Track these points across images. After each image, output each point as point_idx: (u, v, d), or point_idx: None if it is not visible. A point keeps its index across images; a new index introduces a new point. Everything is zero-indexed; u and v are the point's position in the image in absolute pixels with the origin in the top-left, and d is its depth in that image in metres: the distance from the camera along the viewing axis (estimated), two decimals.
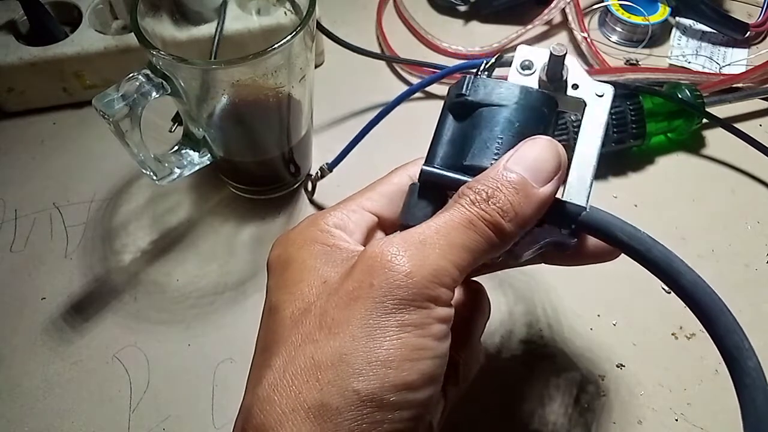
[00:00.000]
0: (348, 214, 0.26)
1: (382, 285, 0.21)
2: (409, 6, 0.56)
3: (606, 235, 0.24)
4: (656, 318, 0.38)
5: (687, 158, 0.46)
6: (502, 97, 0.25)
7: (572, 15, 0.52)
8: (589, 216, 0.24)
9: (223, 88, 0.38)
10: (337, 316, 0.21)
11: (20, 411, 0.35)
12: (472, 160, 0.24)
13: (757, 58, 0.51)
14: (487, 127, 0.25)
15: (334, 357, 0.20)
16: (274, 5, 0.43)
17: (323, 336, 0.21)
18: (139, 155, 0.35)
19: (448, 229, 0.22)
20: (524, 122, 0.25)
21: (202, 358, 0.37)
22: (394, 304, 0.21)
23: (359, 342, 0.20)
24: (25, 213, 0.44)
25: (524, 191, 0.23)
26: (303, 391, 0.20)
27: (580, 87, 0.26)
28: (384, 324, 0.20)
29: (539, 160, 0.23)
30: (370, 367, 0.20)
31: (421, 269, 0.21)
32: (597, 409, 0.35)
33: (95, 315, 0.39)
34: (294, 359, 0.21)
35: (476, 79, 0.26)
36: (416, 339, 0.21)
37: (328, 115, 0.48)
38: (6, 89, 0.47)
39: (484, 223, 0.22)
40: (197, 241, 0.42)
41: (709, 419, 0.34)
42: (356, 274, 0.22)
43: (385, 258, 0.21)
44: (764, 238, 0.42)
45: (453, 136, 0.25)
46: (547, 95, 0.26)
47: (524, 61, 0.26)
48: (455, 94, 0.26)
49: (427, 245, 0.21)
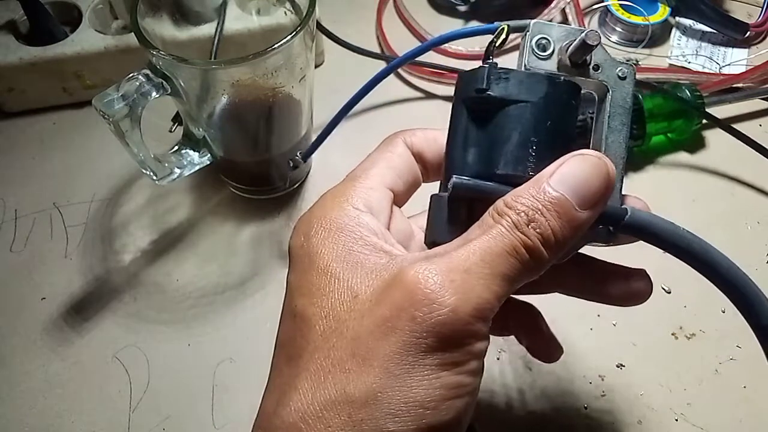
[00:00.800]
0: (371, 193, 0.24)
1: (425, 320, 0.19)
2: (409, 6, 0.56)
3: (650, 237, 0.23)
4: (656, 318, 0.38)
5: (687, 158, 0.46)
6: (527, 90, 0.22)
7: (572, 15, 0.52)
8: (632, 219, 0.22)
9: (223, 88, 0.38)
10: (373, 345, 0.20)
11: (20, 411, 0.35)
12: (506, 169, 0.22)
13: (757, 58, 0.51)
14: (516, 128, 0.22)
15: (368, 394, 0.19)
16: (274, 5, 0.43)
17: (356, 366, 0.20)
18: (139, 155, 0.35)
19: (492, 256, 0.20)
20: (556, 119, 0.22)
21: (201, 358, 0.37)
22: (435, 342, 0.19)
23: (395, 380, 0.19)
24: (25, 213, 0.44)
25: (567, 215, 0.21)
26: (333, 426, 0.19)
27: (601, 68, 0.24)
28: (423, 362, 0.19)
29: (586, 182, 0.21)
30: (406, 407, 0.19)
31: (465, 304, 0.19)
32: (597, 409, 0.35)
33: (95, 315, 0.39)
34: (324, 386, 0.20)
35: (495, 70, 0.23)
36: (454, 377, 0.20)
37: (328, 115, 0.48)
38: (6, 89, 0.47)
39: (525, 250, 0.20)
40: (197, 241, 0.42)
41: (709, 419, 0.34)
42: (394, 299, 0.20)
43: (429, 287, 0.20)
44: (764, 239, 0.42)
45: (478, 139, 0.23)
46: (575, 85, 0.23)
47: (540, 39, 0.24)
48: (474, 89, 0.23)
49: (472, 275, 0.20)
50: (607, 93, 0.24)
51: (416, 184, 0.27)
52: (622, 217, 0.22)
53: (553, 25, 0.24)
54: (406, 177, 0.26)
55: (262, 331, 0.38)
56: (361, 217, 0.23)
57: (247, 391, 0.35)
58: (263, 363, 0.23)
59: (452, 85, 0.49)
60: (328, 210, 0.23)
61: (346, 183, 0.25)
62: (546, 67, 0.23)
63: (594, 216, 0.21)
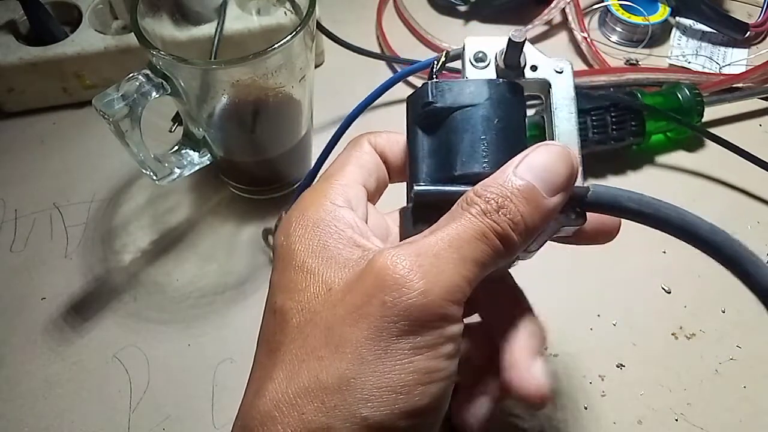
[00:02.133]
0: (347, 189, 0.25)
1: (396, 303, 0.20)
2: (409, 6, 0.56)
3: (615, 209, 0.23)
4: (656, 318, 0.38)
5: (686, 157, 0.46)
6: (471, 96, 0.24)
7: (572, 15, 0.52)
8: (595, 194, 0.23)
9: (223, 88, 0.38)
10: (344, 333, 0.20)
11: (20, 411, 0.35)
12: (464, 168, 0.23)
13: (757, 58, 0.51)
14: (467, 130, 0.23)
15: (341, 380, 0.19)
16: (274, 5, 0.43)
17: (329, 353, 0.20)
18: (139, 155, 0.35)
19: (460, 242, 0.21)
20: (502, 117, 0.24)
21: (201, 358, 0.37)
22: (407, 325, 0.19)
23: (368, 365, 0.19)
24: (25, 213, 0.44)
25: (534, 201, 0.21)
26: (307, 412, 0.19)
27: (539, 68, 0.25)
28: (395, 347, 0.19)
29: (551, 169, 0.22)
30: (379, 393, 0.19)
31: (435, 287, 0.20)
32: (597, 409, 0.35)
33: (95, 315, 0.39)
34: (298, 375, 0.20)
35: (438, 84, 0.24)
36: (428, 361, 0.20)
37: (328, 115, 0.48)
38: (6, 89, 0.47)
39: (494, 235, 0.21)
40: (197, 241, 0.42)
41: (709, 419, 0.34)
42: (364, 286, 0.20)
43: (398, 272, 0.20)
44: (764, 238, 0.42)
45: (432, 148, 0.24)
46: (514, 83, 0.25)
47: (477, 53, 0.25)
48: (421, 104, 0.24)
49: (441, 259, 0.20)
50: (549, 88, 0.25)
51: (384, 183, 0.28)
52: (584, 194, 0.23)
53: (486, 38, 0.25)
54: (375, 175, 0.26)
55: None
56: (338, 212, 0.23)
57: None
58: None
59: None
60: (306, 207, 0.24)
61: (323, 182, 0.25)
62: (485, 76, 0.25)
63: (561, 202, 0.22)
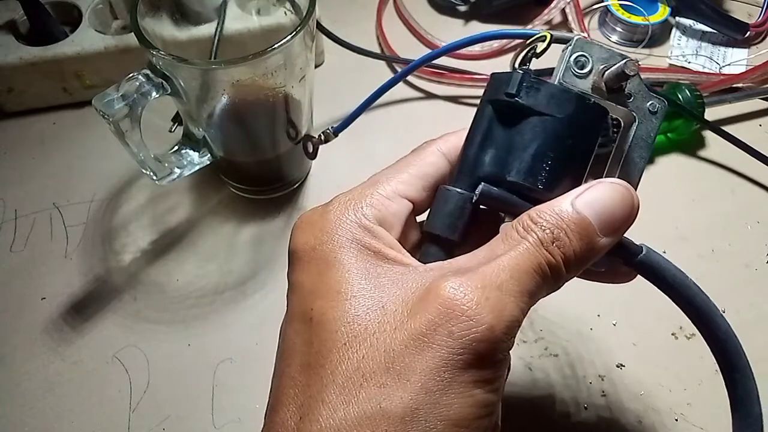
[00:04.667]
0: (386, 204, 0.23)
1: (462, 336, 0.19)
2: (409, 6, 0.56)
3: (657, 279, 0.23)
4: (656, 318, 0.38)
5: (687, 158, 0.46)
6: (556, 105, 0.22)
7: (572, 15, 0.52)
8: (646, 258, 0.23)
9: (223, 88, 0.38)
10: (409, 361, 0.19)
11: (20, 411, 0.35)
12: (517, 177, 0.22)
13: (757, 58, 0.51)
14: (536, 140, 0.22)
15: (405, 410, 0.19)
16: (274, 5, 0.43)
17: (391, 381, 0.19)
18: (139, 155, 0.35)
19: (520, 273, 0.20)
20: (577, 140, 0.22)
21: (202, 358, 0.37)
22: (473, 359, 0.19)
23: (432, 396, 0.19)
24: (25, 213, 0.44)
25: (588, 239, 0.21)
26: None
27: (634, 97, 0.24)
28: (459, 379, 0.19)
29: (611, 209, 0.21)
30: (442, 426, 0.19)
31: (500, 322, 0.20)
32: (597, 409, 0.35)
33: (95, 315, 0.39)
34: (357, 401, 0.19)
35: (529, 78, 0.23)
36: (487, 395, 0.20)
37: (328, 115, 0.48)
38: (6, 89, 0.47)
39: (548, 267, 0.21)
40: (197, 241, 0.42)
41: (709, 419, 0.34)
42: (429, 314, 0.20)
43: (465, 304, 0.20)
44: (764, 238, 0.42)
45: (497, 142, 0.23)
46: (603, 109, 0.23)
47: (580, 57, 0.23)
48: (504, 92, 0.23)
49: (504, 292, 0.20)
50: (634, 123, 0.24)
51: None
52: (636, 254, 0.23)
53: (596, 44, 0.24)
54: (434, 186, 0.25)
55: (262, 331, 0.38)
56: (375, 230, 0.23)
57: (247, 391, 0.36)
58: (263, 363, 0.23)
59: (452, 85, 0.50)
60: (338, 218, 0.23)
61: (364, 189, 0.24)
62: (580, 86, 0.23)
63: (612, 243, 0.22)
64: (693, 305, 0.23)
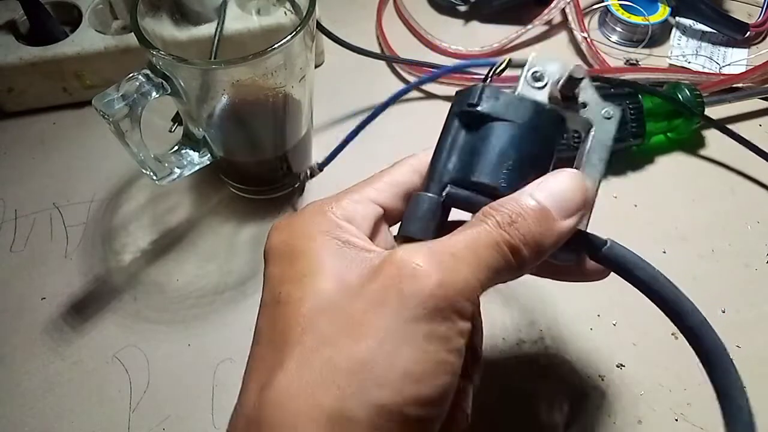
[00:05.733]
0: (354, 205, 0.25)
1: (414, 292, 0.20)
2: (409, 6, 0.56)
3: (623, 272, 0.24)
4: (656, 318, 0.38)
5: (687, 158, 0.46)
6: (514, 112, 0.24)
7: (572, 15, 0.52)
8: (610, 251, 0.24)
9: (223, 88, 0.38)
10: (363, 319, 0.20)
11: (20, 411, 0.35)
12: (480, 177, 0.24)
13: (757, 58, 0.51)
14: (497, 143, 0.24)
15: (357, 363, 0.19)
16: (274, 5, 0.43)
17: (345, 339, 0.20)
18: (139, 155, 0.35)
19: (477, 246, 0.21)
20: (535, 142, 0.24)
21: (202, 358, 0.37)
22: (424, 313, 0.20)
23: (384, 350, 0.20)
24: (25, 213, 0.44)
25: (546, 223, 0.22)
26: (321, 397, 0.19)
27: (589, 106, 0.26)
28: (410, 333, 0.20)
29: (565, 194, 0.23)
30: (393, 377, 0.19)
31: (451, 280, 0.20)
32: (597, 409, 0.35)
33: (95, 315, 0.39)
34: (311, 362, 0.20)
35: (488, 89, 0.25)
36: (440, 353, 0.20)
37: (328, 115, 0.48)
38: (6, 89, 0.47)
39: (507, 247, 0.22)
40: (197, 241, 0.42)
41: (709, 419, 0.34)
42: (382, 278, 0.21)
43: (415, 264, 0.20)
44: (764, 238, 0.42)
45: (461, 147, 0.25)
46: (559, 115, 0.25)
47: (536, 72, 0.25)
48: (467, 103, 0.25)
49: (458, 258, 0.21)
50: (591, 129, 0.26)
51: None
52: (600, 247, 0.24)
53: (551, 60, 0.26)
54: (406, 194, 0.26)
55: None
56: (342, 224, 0.24)
57: None
58: None
59: (452, 85, 0.50)
60: (309, 217, 0.24)
61: (336, 195, 0.25)
62: (538, 98, 0.25)
63: (571, 227, 0.23)
64: (660, 296, 0.23)
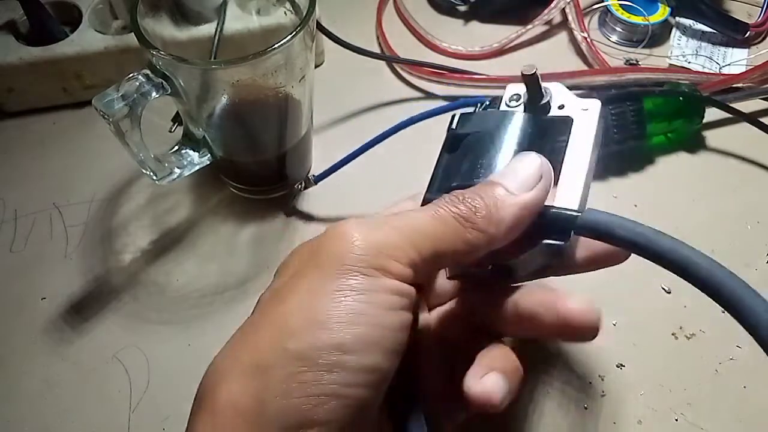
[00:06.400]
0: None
1: (332, 252, 0.22)
2: (409, 6, 0.56)
3: (605, 235, 0.23)
4: (656, 318, 0.38)
5: (687, 158, 0.46)
6: (485, 124, 0.27)
7: (572, 15, 0.52)
8: (585, 219, 0.23)
9: (223, 88, 0.38)
10: (289, 285, 0.22)
11: (20, 411, 0.35)
12: (459, 181, 0.26)
13: (757, 58, 0.51)
14: (471, 151, 0.27)
15: (276, 319, 0.21)
16: (274, 5, 0.43)
17: (275, 304, 0.22)
18: (139, 155, 0.35)
19: (411, 215, 0.23)
20: (508, 142, 0.27)
21: (202, 358, 0.36)
22: (337, 270, 0.21)
23: (301, 304, 0.21)
24: (24, 213, 0.44)
25: (501, 196, 0.24)
26: (241, 351, 0.21)
27: (566, 106, 0.28)
28: (327, 288, 0.21)
29: (519, 171, 0.24)
30: (305, 325, 0.20)
31: (370, 238, 0.22)
32: (597, 409, 0.35)
33: (95, 315, 0.39)
34: (244, 328, 0.22)
35: (464, 114, 0.28)
36: (355, 303, 0.21)
37: (329, 115, 0.48)
38: (6, 89, 0.47)
39: (452, 217, 0.23)
40: (197, 241, 0.42)
41: (710, 419, 0.34)
42: (317, 246, 0.23)
43: (340, 230, 0.22)
44: (765, 238, 0.42)
45: (446, 166, 0.28)
46: (525, 115, 0.27)
47: (513, 96, 0.29)
48: (448, 128, 0.29)
49: (388, 224, 0.23)
50: (571, 123, 0.27)
51: None
52: (574, 218, 0.24)
53: (525, 84, 0.28)
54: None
55: None
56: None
57: None
58: None
59: (452, 85, 0.50)
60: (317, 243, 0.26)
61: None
62: (512, 111, 0.28)
63: (533, 198, 0.24)
64: (652, 251, 0.21)
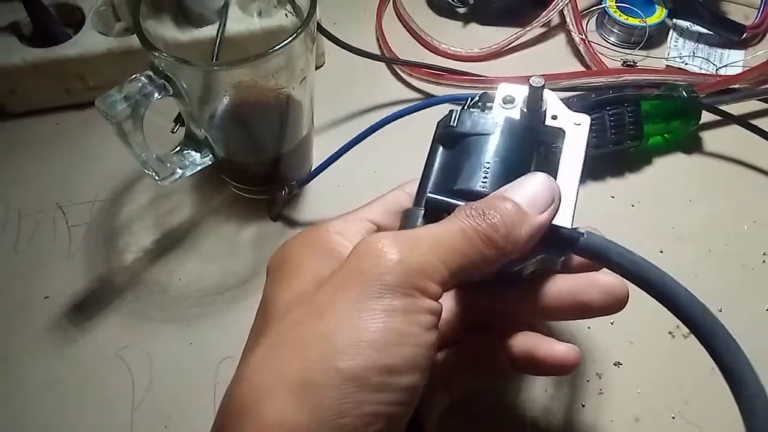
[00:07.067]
0: (347, 223, 0.27)
1: (372, 270, 0.22)
2: (409, 8, 0.56)
3: (602, 259, 0.25)
4: (653, 317, 0.38)
5: (684, 159, 0.47)
6: (486, 127, 0.27)
7: (570, 17, 0.53)
8: (586, 242, 0.25)
9: (225, 89, 0.38)
10: (326, 299, 0.22)
11: (22, 410, 0.36)
12: (462, 185, 0.26)
13: (754, 59, 0.52)
14: (474, 153, 0.27)
15: (319, 336, 0.21)
16: (275, 7, 0.43)
17: (312, 319, 0.22)
18: (142, 156, 0.35)
19: (440, 232, 0.23)
20: (508, 148, 0.27)
21: (204, 357, 0.37)
22: (381, 289, 0.21)
23: (346, 323, 0.21)
24: (28, 213, 0.44)
25: (518, 216, 0.24)
26: (286, 368, 0.21)
27: (558, 117, 0.28)
28: (371, 307, 0.21)
29: (534, 192, 0.25)
30: (354, 347, 0.20)
31: (410, 259, 0.22)
32: (594, 407, 0.35)
33: (98, 314, 0.39)
34: (280, 341, 0.22)
35: (463, 113, 0.28)
36: (401, 325, 0.21)
37: (329, 116, 0.49)
38: (9, 90, 0.48)
39: (476, 234, 0.23)
40: (199, 241, 0.42)
41: (706, 417, 0.35)
42: (346, 263, 0.22)
43: (376, 247, 0.22)
44: (761, 238, 0.42)
45: (443, 164, 0.28)
46: (526, 123, 0.28)
47: (506, 97, 0.29)
48: (444, 125, 0.28)
49: (421, 241, 0.22)
50: (564, 136, 0.28)
51: None
52: (577, 238, 0.25)
53: (518, 86, 0.29)
54: (398, 213, 0.28)
55: None
56: (332, 236, 0.27)
57: None
58: None
59: (451, 86, 0.50)
60: (303, 233, 0.28)
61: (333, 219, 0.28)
62: (509, 114, 0.28)
63: (544, 221, 0.24)
64: (644, 279, 0.24)
